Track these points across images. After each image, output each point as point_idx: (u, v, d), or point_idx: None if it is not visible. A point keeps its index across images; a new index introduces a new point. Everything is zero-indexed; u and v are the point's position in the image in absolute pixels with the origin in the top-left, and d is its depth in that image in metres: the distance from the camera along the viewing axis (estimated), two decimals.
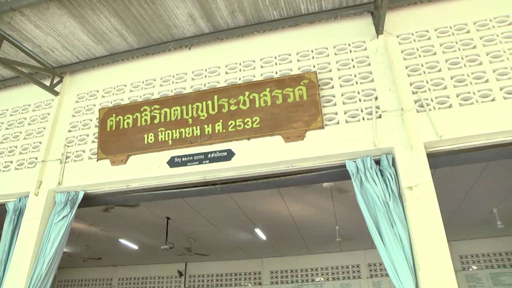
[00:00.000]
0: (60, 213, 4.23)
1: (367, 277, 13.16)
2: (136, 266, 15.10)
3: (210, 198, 8.35)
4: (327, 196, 8.34)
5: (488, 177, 7.73)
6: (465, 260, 12.37)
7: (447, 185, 7.81)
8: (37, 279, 3.92)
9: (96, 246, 12.22)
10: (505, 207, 9.35)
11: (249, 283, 14.08)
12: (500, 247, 12.14)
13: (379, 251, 3.11)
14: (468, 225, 10.89)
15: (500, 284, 11.88)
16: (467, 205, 9.21)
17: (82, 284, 15.78)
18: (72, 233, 10.37)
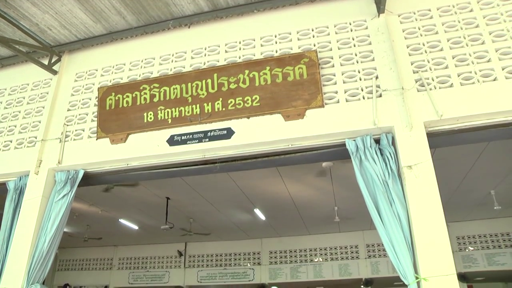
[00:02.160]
0: (60, 192, 4.24)
1: (365, 257, 13.31)
2: (137, 246, 15.24)
3: (209, 178, 8.38)
4: (326, 177, 8.36)
5: (486, 159, 7.75)
6: (462, 241, 12.53)
7: (446, 167, 7.85)
8: (38, 257, 3.96)
9: (96, 226, 12.31)
10: (502, 189, 9.41)
11: (248, 263, 14.24)
12: (496, 228, 12.29)
13: (377, 229, 3.14)
14: (466, 207, 10.98)
15: (494, 264, 12.06)
16: (465, 187, 9.27)
17: (83, 264, 15.95)
18: (73, 214, 10.43)
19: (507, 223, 12.16)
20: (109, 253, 15.66)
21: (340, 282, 14.37)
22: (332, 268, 13.41)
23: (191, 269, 14.63)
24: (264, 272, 13.90)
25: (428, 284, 2.91)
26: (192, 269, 14.61)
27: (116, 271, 15.37)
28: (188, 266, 14.70)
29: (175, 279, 14.67)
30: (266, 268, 13.92)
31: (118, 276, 15.31)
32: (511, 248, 12.09)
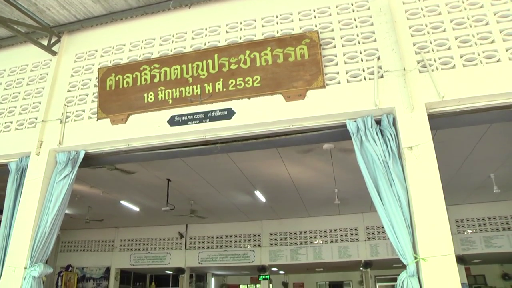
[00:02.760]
0: (61, 173, 4.26)
1: (365, 240, 13.44)
2: (138, 227, 15.38)
3: (210, 160, 8.41)
4: (326, 159, 8.38)
5: (487, 143, 7.75)
6: (461, 224, 12.65)
7: (447, 150, 7.86)
8: (41, 237, 3.99)
9: (98, 208, 12.39)
10: (502, 172, 9.44)
11: (248, 244, 14.38)
12: (494, 212, 12.41)
13: (377, 210, 3.16)
14: (465, 190, 11.04)
15: (492, 247, 12.23)
16: (465, 170, 9.30)
17: (85, 245, 16.12)
18: (74, 195, 10.49)
19: (506, 206, 12.27)
20: (110, 235, 15.81)
21: (340, 264, 14.55)
22: (331, 250, 13.55)
23: (192, 250, 14.79)
24: (264, 253, 14.05)
25: (426, 264, 2.93)
26: (193, 251, 14.77)
27: (118, 253, 15.55)
28: (189, 248, 14.85)
29: (176, 260, 14.84)
30: (266, 250, 14.06)
31: (119, 257, 15.49)
32: (508, 231, 12.22)
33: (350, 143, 3.60)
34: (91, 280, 15.67)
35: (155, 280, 18.33)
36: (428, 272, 2.91)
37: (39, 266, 3.91)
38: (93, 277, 15.68)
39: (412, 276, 2.95)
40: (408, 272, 2.96)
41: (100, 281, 15.55)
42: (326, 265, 15.39)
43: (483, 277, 17.31)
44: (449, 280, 2.88)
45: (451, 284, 2.87)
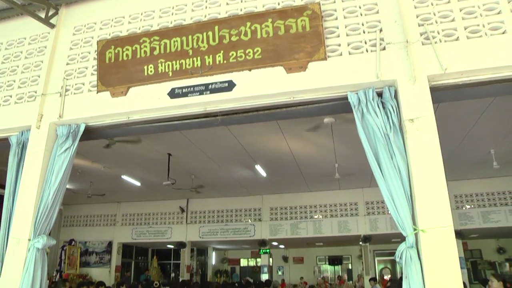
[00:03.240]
0: (62, 146, 4.26)
1: (364, 214, 13.57)
2: (139, 202, 15.51)
3: (211, 134, 8.40)
4: (327, 134, 8.37)
5: (488, 118, 7.73)
6: (459, 199, 12.78)
7: (448, 125, 7.84)
8: (44, 209, 4.03)
9: (99, 183, 12.46)
10: (502, 148, 9.45)
11: (249, 219, 14.53)
12: (493, 187, 12.53)
13: (377, 182, 3.17)
14: (465, 166, 11.08)
15: (489, 222, 12.42)
16: (466, 146, 9.31)
17: (87, 220, 16.31)
18: (76, 170, 10.55)
19: (504, 182, 12.38)
20: (112, 210, 15.97)
21: (339, 238, 14.73)
22: (331, 225, 13.70)
23: (193, 225, 14.96)
24: (264, 228, 14.21)
25: (425, 235, 2.96)
26: (194, 225, 14.93)
27: (120, 227, 15.74)
28: (190, 222, 15.01)
29: (177, 234, 15.02)
30: (267, 224, 14.22)
31: (121, 231, 15.69)
32: (506, 206, 12.35)
33: (351, 118, 3.58)
34: (93, 254, 15.91)
35: (157, 254, 18.59)
36: (427, 243, 2.95)
37: (42, 238, 3.96)
38: (95, 251, 15.92)
39: (411, 247, 2.98)
40: (407, 244, 2.99)
41: (103, 255, 15.78)
42: (326, 240, 15.57)
43: (479, 251, 17.59)
44: (447, 251, 2.92)
45: (449, 254, 2.91)
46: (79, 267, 15.71)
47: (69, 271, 15.03)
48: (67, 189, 11.69)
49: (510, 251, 17.18)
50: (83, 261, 15.89)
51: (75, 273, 15.05)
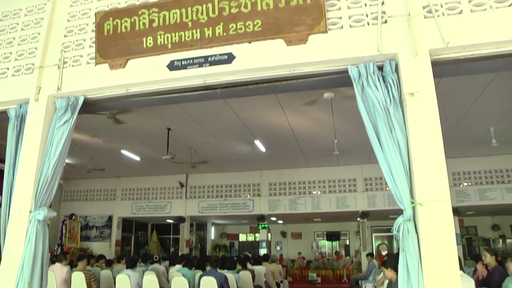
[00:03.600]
0: (61, 118, 4.24)
1: (363, 190, 13.68)
2: (139, 177, 15.60)
3: (210, 109, 8.39)
4: (327, 109, 8.35)
5: (489, 96, 7.72)
6: (457, 176, 12.88)
7: (448, 102, 7.82)
8: (44, 181, 4.04)
9: (99, 158, 12.51)
10: (502, 126, 9.47)
11: (248, 194, 14.64)
12: (490, 165, 12.63)
13: (376, 155, 3.17)
14: (464, 143, 11.12)
15: (485, 199, 12.57)
16: (466, 123, 9.32)
17: (87, 195, 16.43)
18: (75, 145, 10.56)
19: (502, 160, 12.47)
20: (112, 184, 16.07)
21: (337, 214, 14.89)
22: (330, 201, 13.82)
23: (192, 199, 15.08)
24: (263, 203, 14.35)
25: (423, 209, 2.99)
26: (193, 200, 15.06)
27: (120, 202, 15.88)
28: (190, 197, 15.14)
29: (176, 209, 15.17)
30: (266, 200, 14.35)
31: (121, 206, 15.84)
32: (502, 184, 12.47)
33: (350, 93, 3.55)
34: (94, 228, 16.09)
35: (157, 228, 18.82)
36: (424, 217, 2.97)
37: (43, 210, 3.99)
38: (96, 226, 16.10)
39: (409, 220, 3.01)
40: (405, 217, 3.02)
41: (103, 229, 15.97)
42: (324, 215, 15.74)
43: (475, 228, 17.87)
44: (444, 224, 2.95)
45: (446, 228, 2.94)
46: (79, 241, 15.92)
47: (70, 245, 15.23)
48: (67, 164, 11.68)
49: (504, 228, 17.49)
50: (84, 235, 16.09)
51: (76, 247, 15.26)
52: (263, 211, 14.30)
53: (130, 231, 18.25)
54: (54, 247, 14.46)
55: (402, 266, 2.97)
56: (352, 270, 14.82)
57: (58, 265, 7.46)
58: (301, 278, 15.21)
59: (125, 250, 16.15)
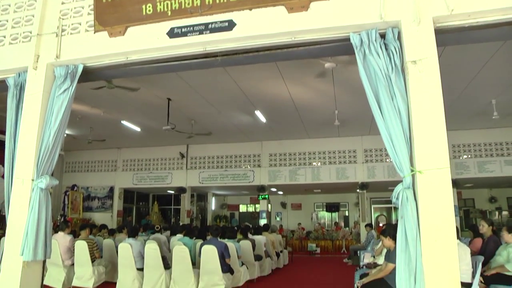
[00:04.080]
0: (61, 87, 4.22)
1: (362, 162, 13.74)
2: (140, 148, 15.66)
3: (211, 79, 8.33)
4: (328, 80, 8.29)
5: (492, 68, 7.65)
6: (457, 149, 12.93)
7: (451, 73, 7.76)
8: (45, 150, 4.05)
9: (99, 129, 12.52)
10: (504, 98, 9.44)
11: (248, 165, 14.72)
12: (490, 138, 12.68)
13: (377, 123, 3.16)
14: (465, 116, 11.12)
15: (484, 171, 12.68)
16: (467, 95, 9.28)
17: (89, 166, 16.54)
18: (75, 116, 10.55)
19: (502, 133, 12.51)
20: (113, 155, 16.14)
21: (337, 185, 15.01)
22: (329, 172, 13.91)
23: (193, 170, 15.18)
24: (263, 174, 14.44)
25: (422, 176, 3.00)
26: (194, 171, 15.16)
27: (121, 173, 15.99)
28: (190, 168, 15.23)
29: (177, 180, 15.29)
30: (266, 170, 14.44)
31: (122, 177, 15.96)
32: (501, 157, 12.54)
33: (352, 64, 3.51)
34: (96, 199, 16.27)
35: (158, 199, 19.02)
36: (423, 185, 2.99)
37: (45, 178, 4.02)
38: (98, 196, 16.27)
39: (408, 188, 3.03)
40: (404, 185, 3.04)
41: (105, 200, 16.15)
42: (324, 186, 15.86)
43: (473, 200, 18.08)
44: (443, 192, 2.97)
45: (444, 195, 2.96)
46: (82, 211, 16.13)
47: (72, 215, 15.44)
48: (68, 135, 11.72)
49: (501, 200, 17.72)
50: (86, 206, 16.29)
51: (78, 217, 15.48)
52: (263, 182, 14.40)
53: (132, 201, 18.46)
54: (57, 217, 14.66)
55: (401, 233, 3.01)
56: (351, 240, 15.04)
57: (61, 233, 7.58)
58: (300, 248, 15.45)
59: (127, 220, 16.37)
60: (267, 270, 9.16)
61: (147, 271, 6.82)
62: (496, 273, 5.30)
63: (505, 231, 5.59)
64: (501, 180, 13.80)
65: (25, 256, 3.81)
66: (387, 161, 13.48)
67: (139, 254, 7.01)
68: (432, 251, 2.90)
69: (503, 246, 5.62)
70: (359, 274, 6.26)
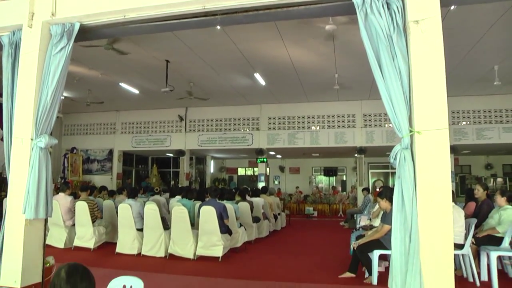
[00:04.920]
0: (57, 45, 4.14)
1: (361, 126, 13.76)
2: (138, 111, 15.63)
3: (210, 40, 8.20)
4: (328, 43, 8.17)
5: (497, 32, 7.55)
6: (456, 115, 12.94)
7: (454, 38, 7.66)
8: (43, 109, 4.03)
9: (97, 91, 12.44)
10: (506, 64, 9.36)
11: (247, 128, 14.73)
12: (490, 105, 12.68)
13: (377, 83, 3.12)
14: (466, 82, 11.05)
15: (482, 138, 12.75)
16: (469, 61, 9.19)
17: (87, 128, 16.53)
18: (73, 77, 10.46)
19: (502, 99, 12.52)
20: (111, 118, 16.12)
21: (335, 149, 15.08)
22: (328, 136, 13.95)
23: (191, 133, 15.20)
24: (262, 137, 14.48)
25: (420, 137, 3.00)
26: (192, 134, 15.19)
27: (120, 135, 16.01)
28: (189, 131, 15.24)
29: (176, 143, 15.34)
30: (265, 134, 14.47)
31: (121, 140, 16.00)
32: (500, 124, 12.59)
33: (353, 26, 3.43)
34: (95, 162, 16.38)
35: (157, 162, 19.13)
36: (421, 145, 2.99)
37: (44, 137, 4.01)
38: (97, 159, 16.36)
39: (406, 148, 3.03)
40: (402, 145, 3.04)
41: (104, 163, 16.25)
42: (322, 151, 15.94)
43: (469, 167, 18.27)
44: (441, 153, 2.98)
45: (442, 156, 2.97)
46: (82, 174, 16.26)
47: (72, 178, 15.58)
48: (66, 98, 11.66)
49: (496, 167, 17.92)
50: (86, 169, 16.41)
51: (78, 180, 15.62)
52: (262, 145, 14.45)
53: (131, 164, 18.59)
54: (57, 180, 14.79)
55: (397, 194, 3.03)
56: (348, 205, 15.23)
57: (62, 194, 7.68)
58: (298, 211, 15.67)
59: (126, 183, 16.52)
60: (264, 232, 9.33)
61: (146, 232, 6.96)
62: (487, 235, 5.45)
63: (498, 194, 5.72)
64: (498, 147, 13.89)
65: (27, 214, 3.86)
66: (385, 126, 13.50)
67: (139, 214, 7.12)
68: (427, 211, 2.94)
69: (496, 209, 5.76)
70: (355, 236, 6.40)
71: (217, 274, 5.73)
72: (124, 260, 6.66)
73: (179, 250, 6.74)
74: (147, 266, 6.18)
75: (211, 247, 6.61)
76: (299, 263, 6.56)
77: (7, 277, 3.85)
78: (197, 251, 6.65)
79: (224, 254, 6.63)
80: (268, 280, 5.37)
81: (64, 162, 16.27)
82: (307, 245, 8.62)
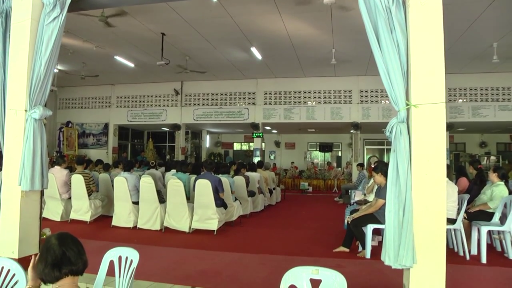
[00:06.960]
0: (50, 15, 4.05)
1: (358, 102, 13.72)
2: (134, 84, 15.49)
3: (206, 13, 8.07)
4: (326, 17, 8.05)
5: (497, 9, 7.45)
6: (453, 92, 12.94)
7: (453, 13, 7.56)
8: (37, 80, 3.98)
9: (92, 64, 12.27)
10: (505, 42, 9.30)
11: (243, 102, 14.67)
12: (487, 82, 12.68)
13: (375, 56, 3.09)
14: (464, 58, 10.99)
15: (477, 116, 12.79)
16: (468, 37, 9.12)
17: (83, 102, 16.41)
18: (67, 50, 10.31)
19: (500, 77, 12.51)
20: (107, 92, 15.99)
21: (331, 125, 15.08)
22: (324, 111, 13.92)
23: (187, 107, 15.13)
24: (258, 112, 14.44)
25: (417, 111, 2.99)
26: (188, 108, 15.12)
27: (115, 109, 15.92)
28: (185, 105, 15.16)
29: (172, 117, 15.28)
30: (260, 108, 14.42)
31: (117, 114, 15.91)
32: (496, 102, 12.61)
33: None
34: (91, 136, 16.31)
35: (152, 136, 19.08)
36: (418, 119, 2.99)
37: (38, 108, 3.98)
38: (92, 133, 16.30)
39: (402, 122, 3.02)
40: (398, 118, 3.03)
41: (100, 137, 16.19)
42: (318, 126, 15.93)
43: (464, 145, 18.39)
44: (436, 126, 2.98)
45: (437, 130, 2.97)
46: (77, 148, 16.21)
47: (68, 152, 15.52)
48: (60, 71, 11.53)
49: (490, 145, 18.06)
50: (81, 143, 16.35)
51: (74, 154, 15.57)
52: (257, 120, 14.40)
53: (127, 138, 18.54)
54: (53, 153, 14.74)
55: (392, 167, 3.04)
56: (342, 180, 15.33)
57: (57, 168, 7.67)
58: (293, 186, 15.76)
59: (122, 157, 16.50)
60: (260, 206, 9.40)
61: (142, 205, 6.99)
62: (479, 210, 5.52)
63: (491, 171, 5.78)
64: (493, 125, 13.94)
65: (23, 186, 3.87)
66: (382, 103, 13.47)
67: (135, 187, 7.14)
68: (421, 185, 2.96)
69: (488, 185, 5.83)
70: (349, 210, 6.46)
71: (212, 247, 5.79)
72: (120, 233, 6.72)
73: (175, 223, 6.80)
74: (143, 239, 6.24)
75: (206, 220, 6.66)
76: (294, 237, 6.64)
77: (5, 248, 3.89)
78: (192, 224, 6.71)
79: (219, 228, 6.70)
80: (263, 254, 5.44)
81: (60, 136, 16.19)
82: (301, 219, 8.71)
